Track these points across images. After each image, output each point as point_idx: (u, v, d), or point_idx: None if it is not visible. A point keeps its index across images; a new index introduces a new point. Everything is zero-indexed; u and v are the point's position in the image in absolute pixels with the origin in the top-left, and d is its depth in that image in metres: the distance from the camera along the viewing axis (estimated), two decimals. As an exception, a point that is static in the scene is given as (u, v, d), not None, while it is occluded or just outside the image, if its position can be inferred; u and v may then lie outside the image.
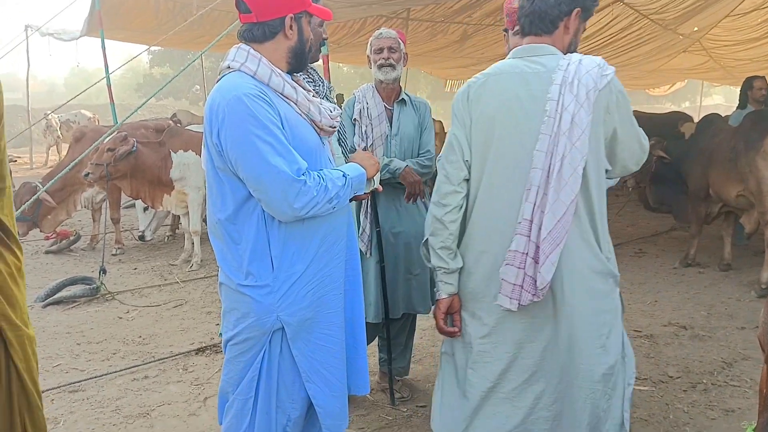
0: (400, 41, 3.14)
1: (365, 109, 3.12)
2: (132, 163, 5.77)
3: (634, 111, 2.10)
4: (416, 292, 3.18)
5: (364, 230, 3.07)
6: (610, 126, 1.91)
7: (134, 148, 5.73)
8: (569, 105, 1.83)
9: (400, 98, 3.18)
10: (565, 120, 1.82)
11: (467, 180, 2.02)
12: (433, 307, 2.24)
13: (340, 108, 2.59)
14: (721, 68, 14.05)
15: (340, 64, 27.96)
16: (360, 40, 10.44)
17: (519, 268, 1.87)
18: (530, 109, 1.90)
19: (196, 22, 7.76)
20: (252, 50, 1.91)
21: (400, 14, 9.69)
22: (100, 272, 5.36)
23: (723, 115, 6.32)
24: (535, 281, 1.85)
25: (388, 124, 3.14)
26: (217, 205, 1.94)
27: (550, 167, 1.84)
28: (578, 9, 1.96)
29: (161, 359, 3.93)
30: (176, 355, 4.00)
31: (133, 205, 7.59)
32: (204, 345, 4.13)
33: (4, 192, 1.64)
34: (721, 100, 39.29)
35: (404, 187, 3.05)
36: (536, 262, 1.84)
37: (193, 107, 27.34)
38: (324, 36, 2.24)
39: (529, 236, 1.85)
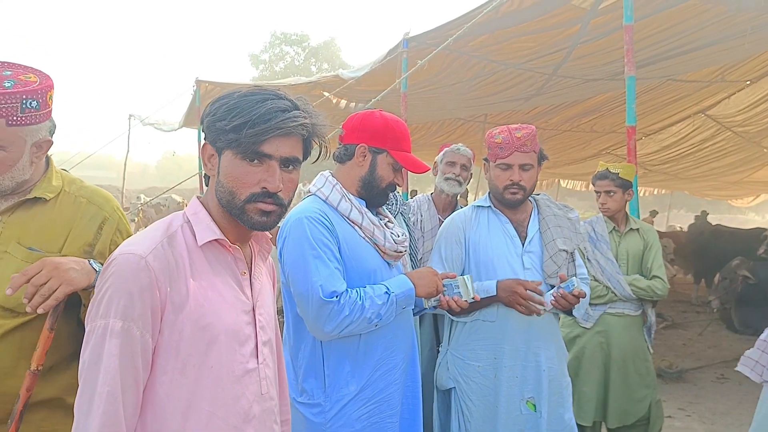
0: (472, 162, 3.25)
1: (419, 222, 3.11)
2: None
3: (716, 224, 2.19)
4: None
5: None
6: None
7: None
8: None
9: (455, 211, 3.15)
10: None
11: None
12: None
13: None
14: (811, 182, 13.56)
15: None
16: (437, 140, 10.76)
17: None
18: None
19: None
20: (330, 177, 2.04)
21: (477, 118, 9.98)
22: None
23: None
24: None
25: None
26: (285, 318, 2.03)
27: None
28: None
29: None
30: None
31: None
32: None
33: None
34: (811, 212, 37.43)
35: None
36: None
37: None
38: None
39: None
